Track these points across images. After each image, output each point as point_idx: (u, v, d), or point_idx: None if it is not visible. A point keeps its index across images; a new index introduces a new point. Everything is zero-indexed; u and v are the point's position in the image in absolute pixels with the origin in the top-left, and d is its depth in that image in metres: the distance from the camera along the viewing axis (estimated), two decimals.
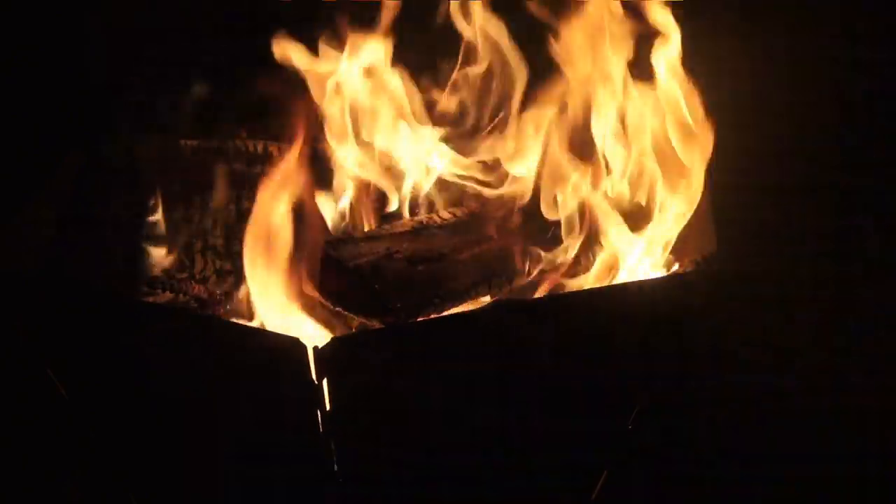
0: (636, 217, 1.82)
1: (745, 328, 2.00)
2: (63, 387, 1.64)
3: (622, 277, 1.79)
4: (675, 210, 1.78)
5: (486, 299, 1.73)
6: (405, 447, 1.53)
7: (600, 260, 1.80)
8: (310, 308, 1.66)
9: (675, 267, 1.80)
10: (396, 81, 1.84)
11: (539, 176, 1.82)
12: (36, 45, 2.00)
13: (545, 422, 1.60)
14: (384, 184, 1.85)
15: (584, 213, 1.81)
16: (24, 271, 1.65)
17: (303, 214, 1.67)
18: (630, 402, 1.68)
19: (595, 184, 1.81)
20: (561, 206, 1.80)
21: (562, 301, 1.67)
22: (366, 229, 1.84)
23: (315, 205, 1.73)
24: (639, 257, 1.80)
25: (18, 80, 1.98)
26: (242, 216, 1.80)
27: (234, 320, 1.74)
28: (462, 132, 1.89)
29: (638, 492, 1.78)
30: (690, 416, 1.90)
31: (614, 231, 1.79)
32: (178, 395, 1.56)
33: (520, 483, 1.63)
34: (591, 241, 1.81)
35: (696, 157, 1.75)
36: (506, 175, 1.85)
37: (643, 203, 1.82)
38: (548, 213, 1.80)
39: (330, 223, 1.83)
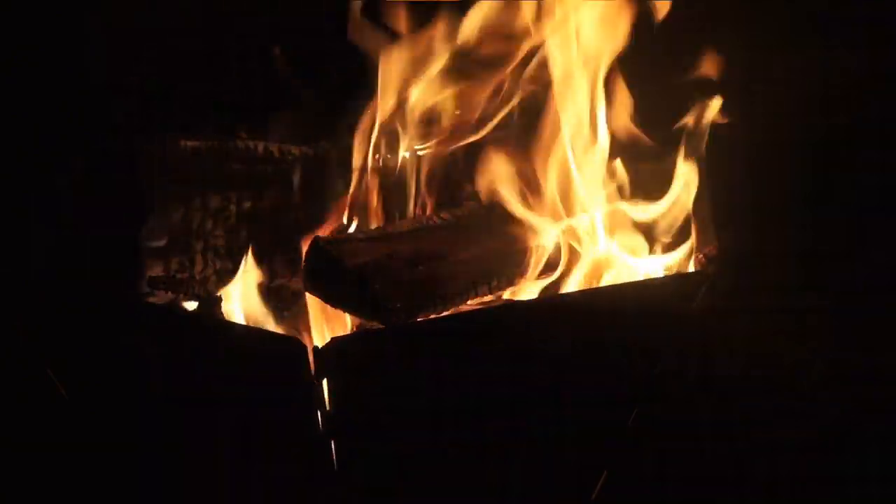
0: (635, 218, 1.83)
1: (744, 328, 2.00)
2: (63, 387, 1.64)
3: (622, 278, 1.79)
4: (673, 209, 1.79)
5: (486, 299, 1.73)
6: (405, 447, 1.53)
7: (597, 261, 1.81)
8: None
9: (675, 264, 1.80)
10: None
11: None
12: (36, 46, 2.00)
13: (545, 421, 1.60)
14: None
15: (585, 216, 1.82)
16: (24, 271, 1.65)
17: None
18: (630, 402, 1.68)
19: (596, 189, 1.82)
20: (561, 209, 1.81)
21: (562, 301, 1.68)
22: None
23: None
24: (639, 258, 1.80)
25: (19, 80, 1.98)
26: (242, 217, 1.81)
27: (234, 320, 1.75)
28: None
29: (638, 492, 1.78)
30: (690, 415, 1.90)
31: (615, 234, 1.79)
32: (178, 394, 1.56)
33: (520, 482, 1.63)
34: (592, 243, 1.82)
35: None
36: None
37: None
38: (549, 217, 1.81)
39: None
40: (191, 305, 1.77)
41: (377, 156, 1.91)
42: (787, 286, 2.06)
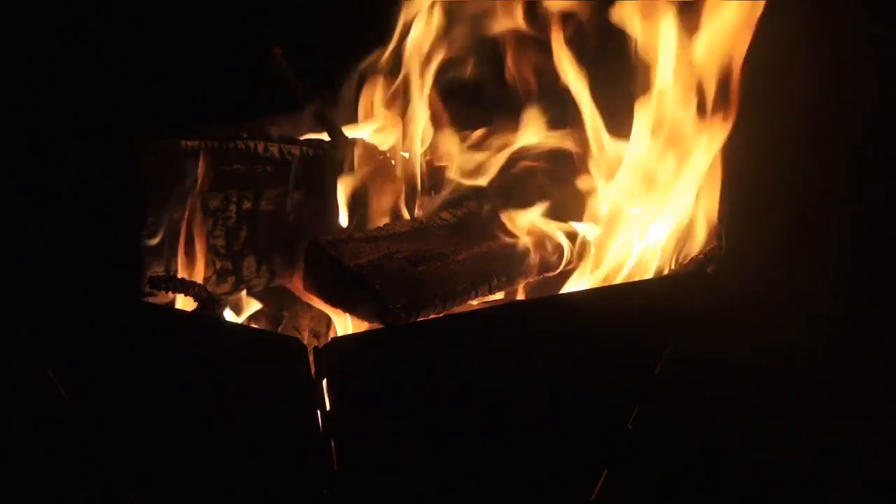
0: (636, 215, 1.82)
1: (744, 328, 2.00)
2: (63, 387, 1.64)
3: (622, 277, 1.79)
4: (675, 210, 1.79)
5: (486, 299, 1.73)
6: (405, 447, 1.53)
7: (599, 260, 1.80)
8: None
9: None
10: None
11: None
12: (36, 45, 2.00)
13: (545, 421, 1.60)
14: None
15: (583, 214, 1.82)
16: (24, 271, 1.65)
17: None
18: (630, 402, 1.68)
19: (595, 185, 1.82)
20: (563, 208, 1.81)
21: (562, 301, 1.67)
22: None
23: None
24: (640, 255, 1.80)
25: (19, 80, 1.98)
26: (242, 217, 1.81)
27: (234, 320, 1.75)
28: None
29: (638, 492, 1.78)
30: (690, 415, 1.90)
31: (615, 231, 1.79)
32: (178, 395, 1.56)
33: (520, 483, 1.63)
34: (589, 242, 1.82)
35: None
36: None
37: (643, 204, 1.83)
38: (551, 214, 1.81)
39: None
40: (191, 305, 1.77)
41: (379, 155, 1.91)
42: (788, 286, 2.06)
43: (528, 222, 1.79)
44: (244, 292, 1.79)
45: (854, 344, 2.07)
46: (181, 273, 1.71)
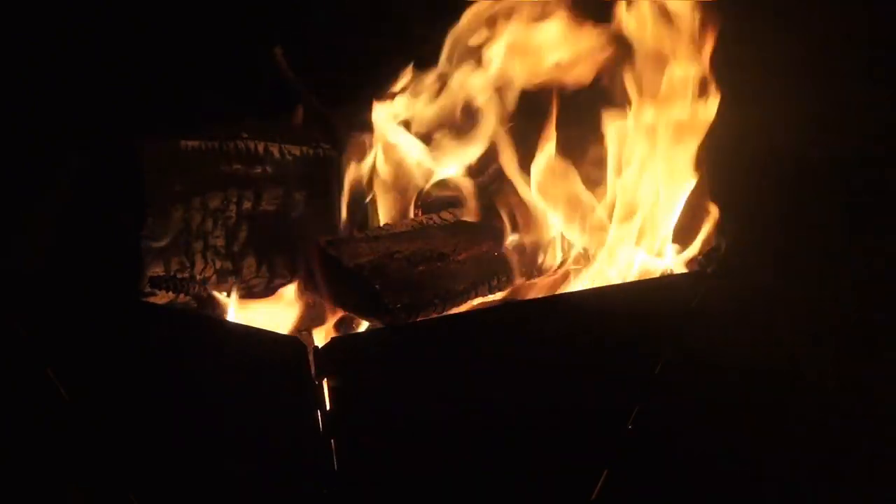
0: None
1: (743, 328, 2.00)
2: (63, 387, 1.64)
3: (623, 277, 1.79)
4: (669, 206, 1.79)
5: (486, 299, 1.73)
6: (405, 447, 1.53)
7: (599, 260, 1.81)
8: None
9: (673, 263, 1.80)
10: None
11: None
12: (36, 45, 2.00)
13: (545, 421, 1.60)
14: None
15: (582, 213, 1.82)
16: (24, 271, 1.65)
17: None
18: (630, 403, 1.68)
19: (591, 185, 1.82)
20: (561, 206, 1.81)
21: (562, 301, 1.68)
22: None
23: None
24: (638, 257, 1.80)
25: (19, 80, 1.98)
26: (242, 216, 1.81)
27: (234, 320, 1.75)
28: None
29: (638, 492, 1.78)
30: (690, 416, 1.90)
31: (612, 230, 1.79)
32: (178, 395, 1.56)
33: (520, 483, 1.63)
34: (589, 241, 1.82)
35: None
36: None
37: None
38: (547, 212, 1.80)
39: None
40: (190, 305, 1.77)
41: (378, 155, 1.92)
42: (788, 285, 2.06)
43: (529, 222, 1.79)
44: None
45: (856, 343, 2.07)
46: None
